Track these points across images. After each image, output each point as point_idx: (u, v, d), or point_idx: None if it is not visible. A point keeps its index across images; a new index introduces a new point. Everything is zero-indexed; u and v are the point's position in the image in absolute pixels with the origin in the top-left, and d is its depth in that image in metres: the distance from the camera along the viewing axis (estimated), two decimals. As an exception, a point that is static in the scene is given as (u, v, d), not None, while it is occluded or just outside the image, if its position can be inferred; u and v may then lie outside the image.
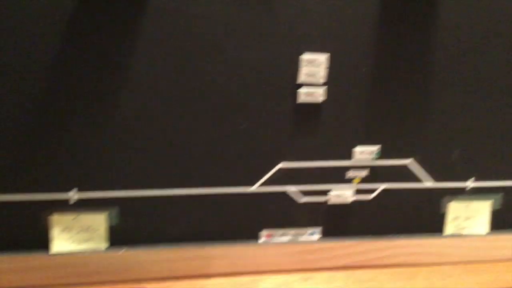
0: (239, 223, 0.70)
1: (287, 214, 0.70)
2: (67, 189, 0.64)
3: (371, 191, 0.71)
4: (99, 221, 0.66)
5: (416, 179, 0.72)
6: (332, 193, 0.70)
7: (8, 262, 0.64)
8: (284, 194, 0.69)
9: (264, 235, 0.71)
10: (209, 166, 0.67)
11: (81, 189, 0.64)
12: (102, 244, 0.67)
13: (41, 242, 0.65)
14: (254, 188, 0.68)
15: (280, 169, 0.68)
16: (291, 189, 0.69)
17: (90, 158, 0.63)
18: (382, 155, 0.70)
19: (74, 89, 0.61)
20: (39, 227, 0.65)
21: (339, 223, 0.72)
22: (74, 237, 0.65)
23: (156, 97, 0.63)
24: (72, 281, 0.66)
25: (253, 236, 0.71)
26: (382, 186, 0.71)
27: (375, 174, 0.71)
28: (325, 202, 0.71)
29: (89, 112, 0.62)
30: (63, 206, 0.64)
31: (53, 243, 0.65)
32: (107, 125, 0.63)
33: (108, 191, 0.65)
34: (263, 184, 0.68)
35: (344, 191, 0.70)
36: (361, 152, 0.69)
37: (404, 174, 0.72)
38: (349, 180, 0.70)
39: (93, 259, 0.66)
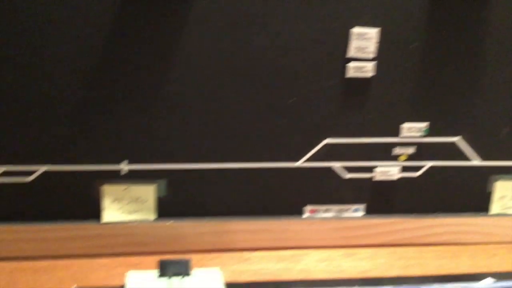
0: (284, 198, 0.70)
1: (331, 190, 0.71)
2: (119, 161, 0.65)
3: (418, 168, 0.71)
4: (148, 193, 0.67)
5: (463, 157, 0.71)
6: (377, 170, 0.70)
7: (61, 230, 0.66)
8: (329, 170, 0.69)
9: (308, 211, 0.71)
10: (255, 140, 0.67)
11: (131, 161, 0.66)
12: (151, 215, 0.68)
13: (93, 212, 0.67)
14: (299, 163, 0.68)
15: (325, 145, 0.68)
16: (336, 165, 0.69)
17: (140, 130, 0.65)
18: (430, 132, 0.69)
19: (125, 63, 0.62)
20: (91, 197, 0.66)
21: (384, 200, 0.72)
22: (124, 207, 0.67)
23: (205, 72, 0.63)
24: (121, 250, 0.68)
25: (297, 211, 0.71)
26: (429, 164, 0.71)
27: (422, 151, 0.70)
28: (370, 179, 0.70)
29: (140, 86, 0.63)
30: (115, 177, 0.66)
31: (104, 213, 0.67)
32: (158, 99, 0.64)
33: (157, 163, 0.66)
34: (308, 159, 0.68)
35: (390, 168, 0.70)
36: (409, 129, 0.68)
37: (452, 151, 0.70)
38: (396, 157, 0.70)
39: (142, 230, 0.68)
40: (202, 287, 0.61)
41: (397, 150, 0.69)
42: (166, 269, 0.63)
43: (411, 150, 0.70)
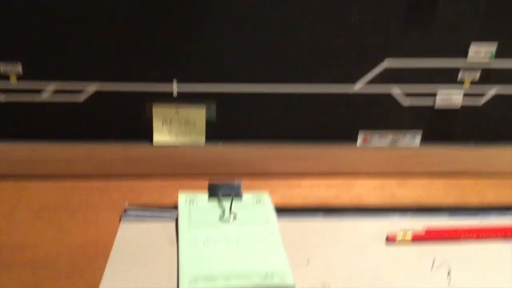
0: (337, 123, 0.68)
1: (388, 117, 0.67)
2: (169, 82, 0.64)
3: (482, 95, 0.67)
4: (198, 115, 0.66)
5: (532, 83, 0.66)
6: (439, 96, 0.66)
7: (114, 151, 0.66)
8: (387, 96, 0.66)
9: (361, 137, 0.69)
10: (311, 62, 0.64)
11: (181, 81, 0.64)
12: (201, 139, 0.67)
13: (144, 134, 0.66)
14: (357, 88, 0.65)
15: (385, 68, 0.64)
16: (396, 90, 0.66)
17: (191, 50, 0.62)
18: (499, 55, 0.64)
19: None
20: (142, 119, 0.65)
21: (443, 128, 0.69)
22: (174, 130, 0.66)
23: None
24: (171, 172, 0.68)
25: (350, 138, 0.69)
26: (494, 90, 0.66)
27: (489, 76, 0.65)
28: (431, 106, 0.67)
29: (192, 4, 0.60)
30: (165, 99, 0.64)
31: (155, 135, 0.66)
32: (209, 17, 0.60)
33: (208, 84, 0.64)
34: (366, 83, 0.65)
35: (452, 95, 0.66)
36: (476, 52, 0.63)
37: (520, 77, 0.66)
38: (459, 83, 0.66)
39: (192, 153, 0.67)
40: (251, 210, 0.61)
41: (461, 75, 0.65)
42: (216, 191, 0.63)
43: (477, 75, 0.65)
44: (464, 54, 0.64)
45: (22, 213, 0.61)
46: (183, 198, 0.62)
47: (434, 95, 0.66)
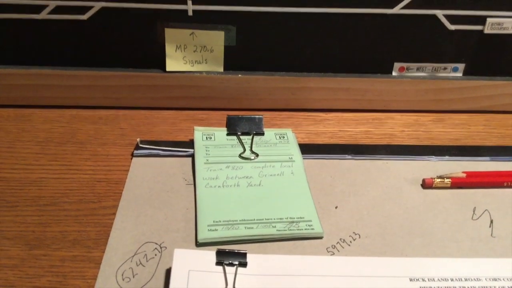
0: (370, 52, 0.60)
1: (429, 45, 0.60)
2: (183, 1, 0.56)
3: (540, 21, 0.58)
4: (216, 40, 0.58)
5: None
6: (490, 20, 0.58)
7: (123, 78, 0.59)
8: (430, 19, 0.58)
9: (397, 68, 0.62)
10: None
11: (197, 2, 0.56)
12: (218, 67, 0.60)
13: (157, 61, 0.59)
14: (396, 10, 0.57)
15: (430, -13, 0.56)
16: (440, 13, 0.57)
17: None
18: None
19: None
20: (154, 43, 0.58)
21: (489, 58, 0.61)
22: (189, 56, 0.59)
23: None
24: (186, 103, 0.62)
25: (384, 68, 0.61)
26: (556, 15, 0.58)
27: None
28: (479, 32, 0.59)
29: None
30: (179, 19, 0.57)
31: (168, 61, 0.59)
32: None
33: (227, 6, 0.56)
34: (406, 6, 0.57)
35: (506, 18, 0.58)
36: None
37: None
38: (514, 6, 0.57)
39: (208, 82, 0.60)
40: (274, 147, 0.55)
41: (519, -3, 0.57)
42: (235, 126, 0.57)
43: (534, -4, 0.57)
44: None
45: (25, 146, 0.56)
46: (199, 134, 0.56)
47: (485, 18, 0.58)
